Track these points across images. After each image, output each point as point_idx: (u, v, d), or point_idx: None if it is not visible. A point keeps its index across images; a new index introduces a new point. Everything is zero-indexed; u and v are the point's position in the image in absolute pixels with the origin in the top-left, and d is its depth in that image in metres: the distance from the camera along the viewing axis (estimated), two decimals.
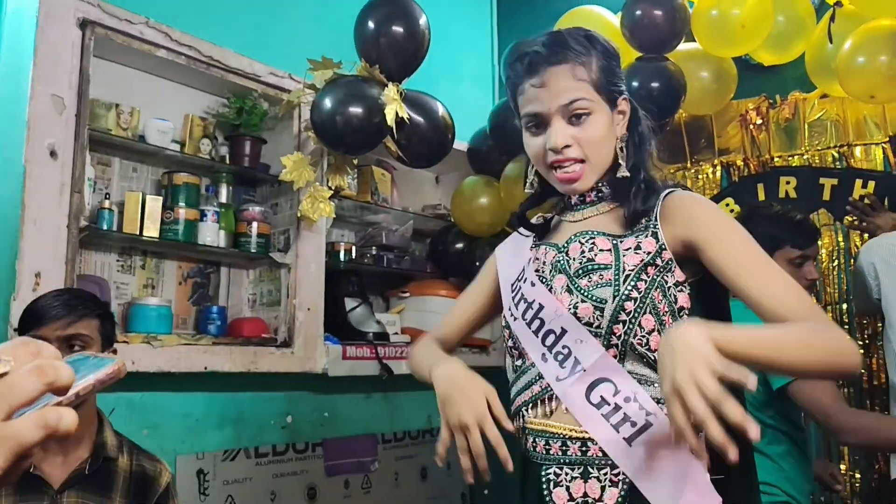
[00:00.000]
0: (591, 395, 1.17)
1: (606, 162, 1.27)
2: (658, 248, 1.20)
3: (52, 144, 1.97)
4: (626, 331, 1.16)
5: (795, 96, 2.74)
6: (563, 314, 1.20)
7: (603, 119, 1.24)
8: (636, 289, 1.17)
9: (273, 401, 2.55)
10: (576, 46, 1.23)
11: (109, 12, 2.13)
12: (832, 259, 2.60)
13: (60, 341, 1.55)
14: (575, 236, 1.27)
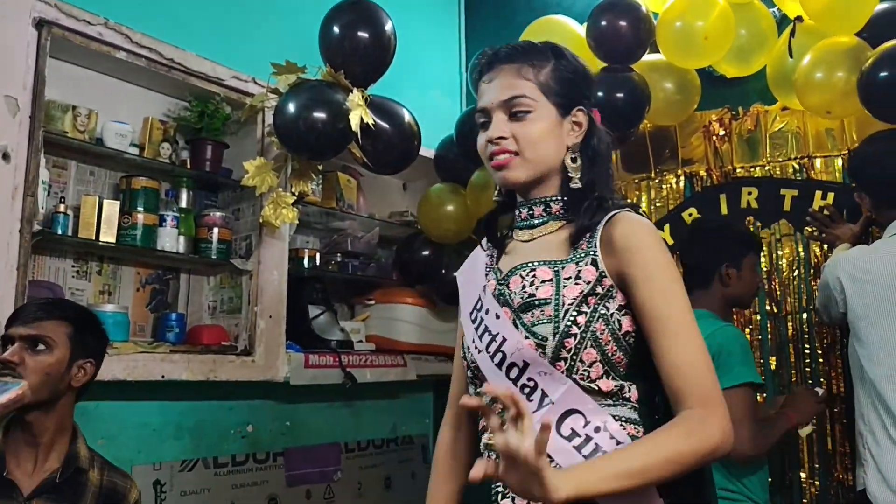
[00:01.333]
0: (561, 428, 1.16)
1: (544, 163, 1.27)
2: (598, 276, 1.20)
3: (4, 146, 1.92)
4: (569, 367, 1.17)
5: (757, 108, 2.77)
6: (523, 347, 1.19)
7: (545, 121, 1.26)
8: (576, 324, 1.17)
9: (233, 410, 2.51)
10: (533, 51, 1.28)
11: (67, 12, 2.08)
12: (792, 269, 2.64)
13: (23, 340, 1.56)
14: (516, 269, 1.28)
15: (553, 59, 1.29)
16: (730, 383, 1.95)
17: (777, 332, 2.64)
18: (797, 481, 2.53)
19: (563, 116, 1.28)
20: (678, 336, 1.15)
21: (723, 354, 2.02)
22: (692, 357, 1.14)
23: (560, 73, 1.28)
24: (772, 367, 2.63)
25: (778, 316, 2.65)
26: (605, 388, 1.18)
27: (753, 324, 2.68)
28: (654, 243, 1.20)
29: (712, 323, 2.15)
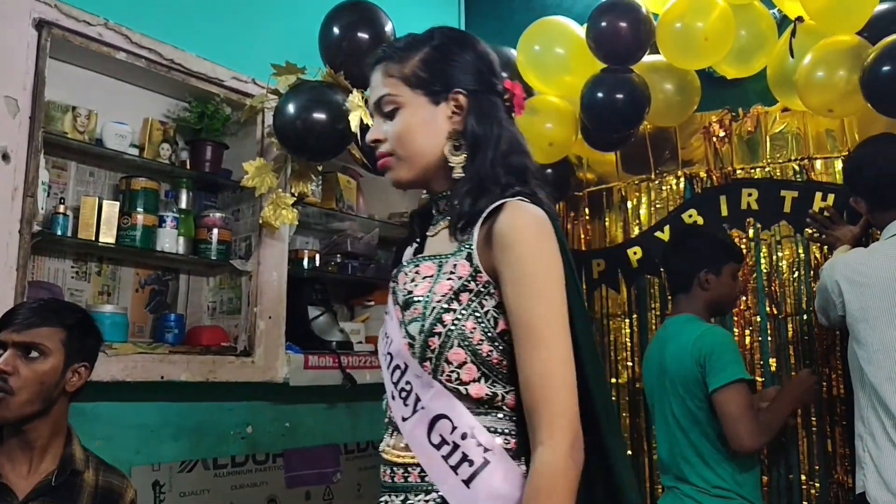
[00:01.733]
0: (431, 436, 1.13)
1: (421, 157, 1.22)
2: (472, 272, 1.14)
3: (4, 147, 1.92)
4: (434, 368, 1.12)
5: (757, 109, 2.77)
6: (402, 349, 1.16)
7: (414, 113, 1.22)
8: (441, 322, 1.12)
9: (232, 411, 2.51)
10: (403, 46, 1.25)
11: (67, 13, 2.08)
12: (792, 271, 2.63)
13: (16, 346, 1.52)
14: (403, 266, 1.25)
15: (419, 45, 1.25)
16: (725, 381, 2.06)
17: (777, 333, 2.64)
18: (797, 483, 2.52)
19: (436, 104, 1.22)
20: (538, 347, 1.07)
21: (714, 355, 2.10)
22: (547, 371, 1.06)
23: (431, 61, 1.23)
24: (772, 369, 2.62)
25: (778, 318, 2.64)
26: (476, 393, 1.12)
27: (753, 325, 2.68)
28: (531, 239, 1.11)
29: (698, 325, 2.22)
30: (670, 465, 2.23)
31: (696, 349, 2.13)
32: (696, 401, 2.14)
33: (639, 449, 2.87)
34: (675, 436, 2.19)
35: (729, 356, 2.10)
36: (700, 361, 2.12)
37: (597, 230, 3.12)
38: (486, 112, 1.22)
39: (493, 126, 1.21)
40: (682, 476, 2.18)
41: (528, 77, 2.85)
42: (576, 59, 2.71)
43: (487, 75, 1.26)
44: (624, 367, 2.94)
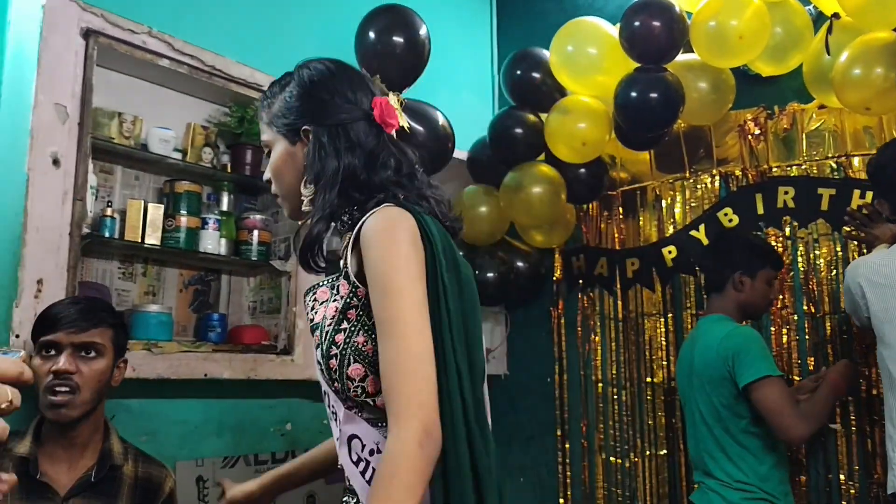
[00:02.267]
0: (351, 455, 1.18)
1: (291, 194, 1.29)
2: (351, 287, 1.16)
3: (55, 153, 1.99)
4: (342, 387, 1.14)
5: (793, 107, 2.75)
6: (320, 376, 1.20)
7: (278, 152, 1.29)
8: (334, 343, 1.14)
9: (273, 408, 2.56)
10: (272, 90, 1.32)
11: (113, 22, 2.15)
12: (830, 269, 2.61)
13: (74, 347, 1.57)
14: (307, 293, 1.27)
15: (281, 89, 1.31)
16: (755, 376, 2.08)
17: (815, 332, 2.62)
18: (836, 483, 2.50)
19: (293, 143, 1.28)
20: (391, 338, 1.07)
21: (741, 353, 2.12)
22: (399, 364, 1.06)
23: (285, 101, 1.29)
24: (809, 368, 2.60)
25: (815, 316, 2.63)
26: (381, 404, 1.12)
27: (791, 324, 2.66)
28: (384, 239, 1.12)
29: (726, 325, 2.24)
30: (697, 461, 2.28)
31: (723, 347, 2.16)
32: (721, 398, 2.17)
33: (674, 448, 2.87)
34: (701, 432, 2.23)
35: (756, 353, 2.13)
36: (727, 359, 2.14)
37: (631, 229, 3.13)
38: (326, 146, 1.24)
39: (331, 159, 1.23)
40: (707, 471, 2.21)
41: (561, 77, 2.87)
42: (609, 59, 2.72)
43: (341, 105, 1.27)
44: (659, 366, 2.94)
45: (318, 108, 1.26)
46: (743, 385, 2.11)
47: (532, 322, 3.35)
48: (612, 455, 3.05)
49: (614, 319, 3.11)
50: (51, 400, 1.54)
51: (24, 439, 1.59)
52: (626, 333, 3.07)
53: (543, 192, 2.84)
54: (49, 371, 1.54)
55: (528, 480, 3.28)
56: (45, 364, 1.56)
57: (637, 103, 2.57)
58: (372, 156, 1.25)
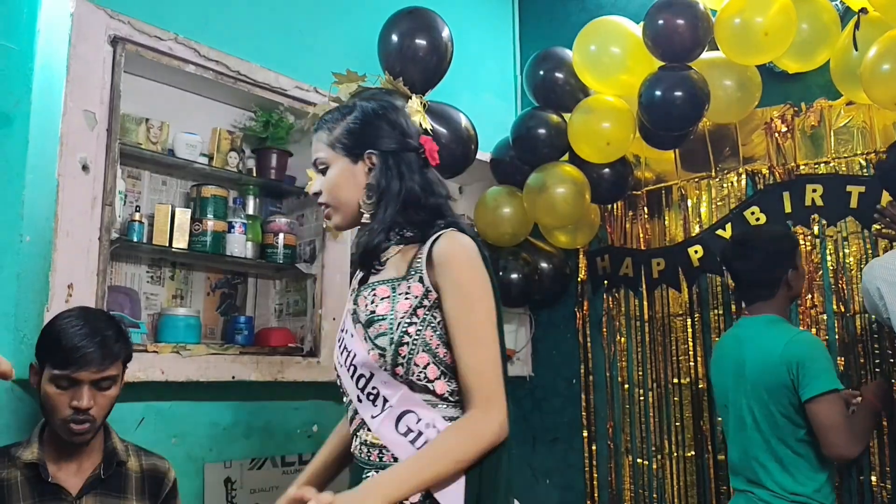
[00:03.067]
0: (399, 426, 1.38)
1: (350, 206, 1.50)
2: (425, 291, 1.40)
3: (84, 158, 2.02)
4: (406, 370, 1.37)
5: (821, 104, 2.71)
6: (369, 360, 1.39)
7: (337, 171, 1.51)
8: (407, 334, 1.37)
9: (299, 410, 2.58)
10: (333, 116, 1.54)
11: (140, 29, 2.18)
12: (860, 267, 2.57)
13: (93, 382, 1.61)
14: (362, 289, 1.48)
15: (349, 117, 1.52)
16: (819, 390, 1.99)
17: (845, 331, 2.58)
18: (868, 485, 2.46)
19: (354, 162, 1.50)
20: (473, 341, 1.35)
21: (808, 362, 2.02)
22: (481, 360, 1.34)
23: (351, 129, 1.51)
24: (840, 368, 2.56)
25: (846, 315, 2.59)
26: (440, 390, 1.38)
27: (820, 323, 2.62)
28: (464, 259, 1.39)
29: (785, 329, 2.14)
30: (742, 468, 2.16)
31: (787, 355, 2.05)
32: (781, 407, 2.06)
33: (702, 450, 2.84)
34: (752, 439, 2.12)
35: (822, 364, 2.03)
36: (791, 368, 2.03)
37: (656, 229, 3.11)
38: (390, 167, 1.49)
39: (394, 179, 1.48)
40: (755, 480, 2.11)
41: (584, 77, 2.86)
42: (632, 58, 2.70)
43: (399, 136, 1.52)
44: (686, 367, 2.92)
45: (383, 136, 1.50)
46: (807, 398, 2.00)
47: (557, 323, 3.34)
48: (638, 457, 3.03)
49: (640, 320, 3.09)
50: (71, 429, 1.60)
51: (30, 446, 1.65)
52: (653, 334, 3.05)
53: (567, 193, 2.83)
54: (69, 405, 1.59)
55: (554, 483, 3.27)
56: (63, 396, 1.59)
57: (662, 102, 2.55)
58: (427, 182, 1.51)
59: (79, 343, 1.59)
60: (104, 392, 1.64)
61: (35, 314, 1.93)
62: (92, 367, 1.59)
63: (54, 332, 1.62)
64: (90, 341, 1.60)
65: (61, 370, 1.58)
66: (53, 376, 1.59)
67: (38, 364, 1.65)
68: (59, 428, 1.62)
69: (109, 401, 1.66)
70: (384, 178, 1.47)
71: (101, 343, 1.61)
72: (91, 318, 1.67)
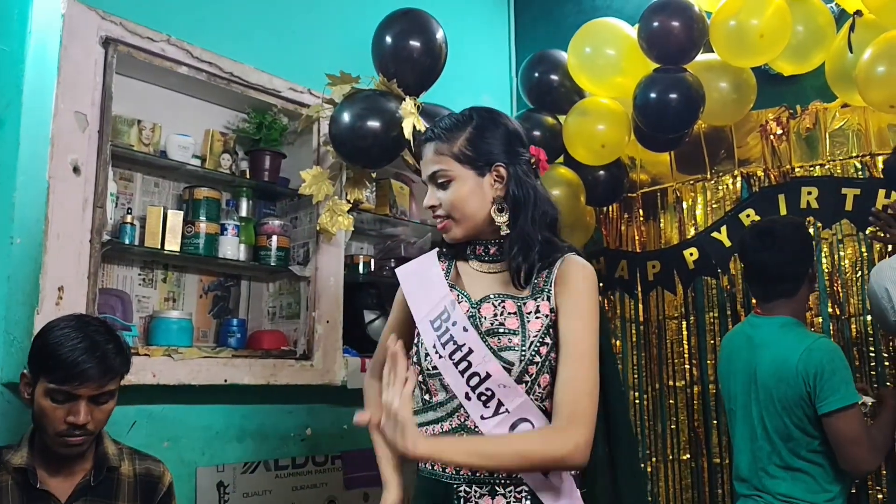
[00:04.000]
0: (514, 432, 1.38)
1: (474, 219, 1.47)
2: (551, 310, 1.42)
3: (75, 160, 2.00)
4: (528, 389, 1.38)
5: (816, 106, 2.71)
6: (490, 361, 1.39)
7: (465, 184, 1.46)
8: (539, 354, 1.39)
9: (293, 413, 2.56)
10: (451, 127, 1.49)
11: (132, 30, 2.16)
12: (855, 270, 2.57)
13: (90, 398, 1.57)
14: (488, 298, 1.47)
15: (464, 125, 1.49)
16: (839, 405, 1.93)
17: (840, 334, 2.58)
18: (864, 488, 2.46)
19: (481, 176, 1.46)
20: (576, 361, 1.36)
21: (826, 374, 1.95)
22: (579, 381, 1.34)
23: (474, 140, 1.47)
24: None
25: (841, 318, 2.59)
26: (549, 407, 1.39)
27: (815, 326, 2.62)
28: (588, 284, 1.42)
29: (802, 334, 2.07)
30: (750, 476, 2.10)
31: (803, 365, 1.98)
32: (795, 418, 2.00)
33: (697, 453, 2.84)
34: (762, 448, 2.06)
35: (841, 375, 1.96)
36: (808, 380, 1.96)
37: (651, 231, 3.10)
38: (522, 179, 1.47)
39: (530, 190, 1.47)
40: (763, 488, 2.05)
41: (579, 79, 2.85)
42: (627, 60, 2.70)
43: (517, 146, 1.51)
44: (681, 369, 2.91)
45: (508, 148, 1.49)
46: (825, 411, 1.94)
47: None
48: None
49: (635, 322, 3.08)
50: (65, 441, 1.57)
51: (20, 451, 1.61)
52: (648, 337, 3.04)
53: (562, 195, 2.82)
54: (65, 420, 1.54)
55: None
56: (58, 410, 1.54)
57: (657, 104, 2.55)
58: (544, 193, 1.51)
59: (78, 358, 1.53)
60: (101, 406, 1.60)
61: (25, 317, 1.91)
62: (91, 383, 1.54)
63: (50, 344, 1.56)
64: (90, 356, 1.54)
65: (58, 385, 1.53)
66: (49, 390, 1.54)
67: (31, 375, 1.59)
68: (51, 440, 1.57)
69: (106, 414, 1.63)
70: (519, 190, 1.46)
71: (102, 359, 1.56)
72: (90, 330, 1.60)
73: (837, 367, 1.97)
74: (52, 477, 1.62)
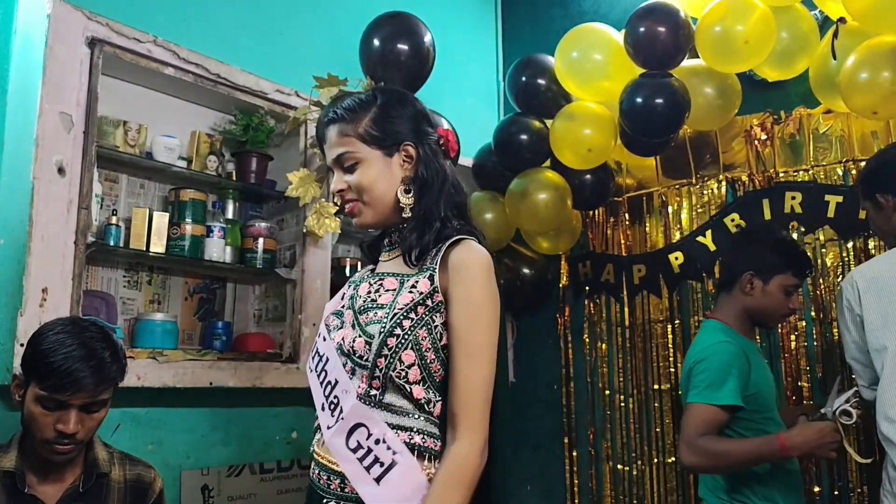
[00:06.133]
0: (349, 442, 1.33)
1: (382, 201, 1.42)
2: (431, 290, 1.35)
3: (60, 161, 1.99)
4: (388, 364, 1.31)
5: (800, 112, 2.74)
6: (338, 366, 1.37)
7: (373, 166, 1.41)
8: (400, 326, 1.32)
9: (278, 416, 2.56)
10: (354, 108, 1.43)
11: (118, 31, 2.15)
12: (837, 274, 2.59)
13: (81, 407, 1.53)
14: (368, 275, 1.47)
15: (374, 107, 1.43)
16: (691, 400, 2.01)
17: (823, 338, 2.60)
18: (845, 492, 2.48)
19: (389, 156, 1.42)
20: (470, 359, 1.31)
21: (695, 371, 2.02)
22: (474, 382, 1.31)
23: (379, 119, 1.42)
24: (818, 375, 2.58)
25: (824, 322, 2.61)
26: (417, 395, 1.33)
27: (799, 330, 2.64)
28: (480, 271, 1.35)
29: (713, 337, 2.10)
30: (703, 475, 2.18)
31: (691, 361, 2.07)
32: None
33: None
34: None
35: (710, 375, 1.98)
36: (688, 375, 2.06)
37: (637, 235, 3.11)
38: (431, 159, 1.43)
39: (438, 171, 1.43)
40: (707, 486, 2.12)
41: (566, 83, 2.86)
42: (614, 65, 2.71)
43: (425, 126, 1.46)
44: (666, 373, 2.92)
45: (414, 126, 1.44)
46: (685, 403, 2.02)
47: (538, 329, 3.34)
48: (619, 463, 3.03)
49: (621, 326, 3.09)
50: (54, 449, 1.53)
51: (8, 453, 1.57)
52: (633, 340, 3.05)
53: (549, 199, 2.83)
54: (54, 428, 1.50)
55: (535, 489, 3.26)
56: (48, 417, 1.50)
57: (643, 109, 2.56)
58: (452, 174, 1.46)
59: (72, 367, 1.48)
60: (92, 415, 1.55)
61: (8, 318, 1.90)
62: (84, 393, 1.50)
63: (44, 349, 1.50)
64: (84, 365, 1.49)
65: (49, 393, 1.48)
66: (40, 396, 1.49)
67: (24, 377, 1.55)
68: (40, 446, 1.54)
69: (97, 423, 1.58)
70: (426, 170, 1.41)
71: (97, 368, 1.51)
72: (86, 336, 1.54)
73: (709, 369, 2.00)
74: (41, 482, 1.58)
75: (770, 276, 2.11)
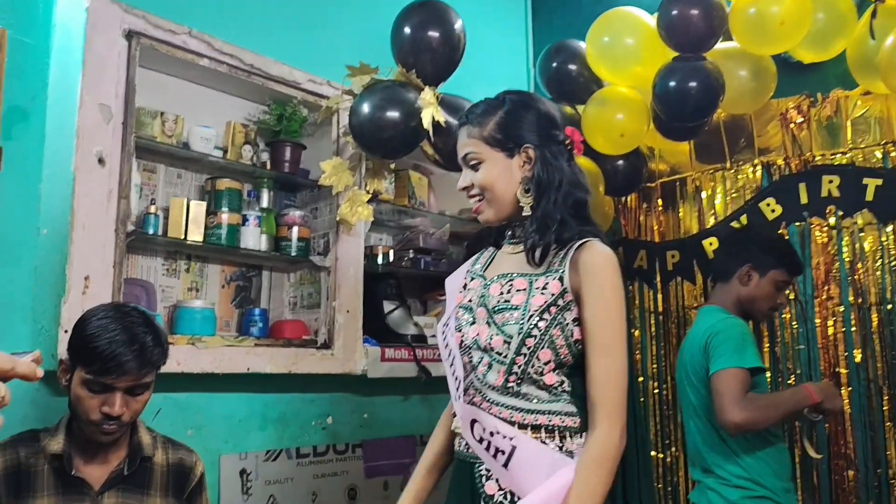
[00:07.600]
0: (474, 433, 1.49)
1: (505, 199, 1.53)
2: (561, 291, 1.44)
3: (100, 152, 2.03)
4: (526, 361, 1.44)
5: (837, 94, 2.69)
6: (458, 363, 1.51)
7: (494, 166, 1.53)
8: (537, 327, 1.43)
9: (314, 402, 2.59)
10: (482, 111, 1.56)
11: (154, 23, 2.19)
12: (875, 259, 2.55)
13: (126, 390, 1.57)
14: (498, 277, 1.54)
15: (500, 112, 1.54)
16: (721, 366, 2.05)
17: (861, 324, 2.57)
18: (885, 479, 2.45)
19: (510, 157, 1.53)
20: (604, 353, 1.40)
21: (716, 341, 2.08)
22: (610, 373, 1.40)
23: (504, 123, 1.53)
24: (856, 360, 2.55)
25: (862, 307, 2.57)
26: (549, 381, 1.45)
27: (836, 315, 2.61)
28: (610, 272, 1.44)
29: (717, 314, 2.20)
30: (694, 457, 2.24)
31: (704, 337, 2.13)
32: (708, 391, 2.09)
33: None
34: (695, 427, 2.20)
35: (731, 343, 2.06)
36: (705, 349, 2.11)
37: (670, 221, 3.09)
38: (549, 161, 1.52)
39: (556, 172, 1.51)
40: (706, 468, 2.16)
41: (597, 68, 2.85)
42: (646, 49, 2.69)
43: (549, 129, 1.55)
44: None
45: (536, 129, 1.54)
46: (710, 374, 2.06)
47: None
48: (653, 450, 3.02)
49: (654, 313, 3.08)
50: (101, 430, 1.57)
51: (56, 436, 1.61)
52: (667, 327, 3.04)
53: None
54: (100, 410, 1.55)
55: None
56: (94, 400, 1.55)
57: (676, 93, 2.53)
58: (575, 174, 1.55)
59: (116, 351, 1.52)
60: (137, 397, 1.60)
61: (52, 306, 1.95)
62: (128, 376, 1.54)
63: (89, 334, 1.55)
64: (128, 349, 1.53)
65: (95, 376, 1.53)
66: (86, 380, 1.54)
67: (70, 362, 1.60)
68: (86, 428, 1.59)
69: (142, 405, 1.63)
70: (544, 172, 1.50)
71: (140, 352, 1.55)
72: (129, 321, 1.59)
73: (730, 337, 2.09)
74: (88, 464, 1.63)
75: (766, 271, 2.23)
